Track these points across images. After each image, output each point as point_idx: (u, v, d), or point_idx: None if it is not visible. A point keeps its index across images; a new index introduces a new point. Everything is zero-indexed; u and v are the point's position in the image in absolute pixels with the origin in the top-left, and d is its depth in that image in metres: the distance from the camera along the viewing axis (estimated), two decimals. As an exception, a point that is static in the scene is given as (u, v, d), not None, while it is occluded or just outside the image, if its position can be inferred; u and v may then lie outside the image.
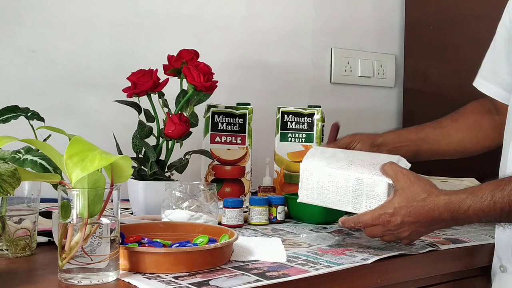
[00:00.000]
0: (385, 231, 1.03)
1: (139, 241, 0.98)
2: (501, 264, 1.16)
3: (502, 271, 1.16)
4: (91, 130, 1.55)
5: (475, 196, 0.97)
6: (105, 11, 1.62)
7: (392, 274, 1.06)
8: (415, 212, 1.00)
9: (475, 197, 0.97)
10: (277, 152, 1.57)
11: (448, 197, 0.99)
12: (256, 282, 0.87)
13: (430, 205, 0.99)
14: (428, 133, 1.31)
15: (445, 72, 2.04)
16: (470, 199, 0.97)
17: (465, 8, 1.96)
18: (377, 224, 1.02)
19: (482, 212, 0.97)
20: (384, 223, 1.02)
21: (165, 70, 1.37)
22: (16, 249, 0.99)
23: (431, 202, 0.99)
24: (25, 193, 1.01)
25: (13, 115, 1.17)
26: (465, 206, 0.97)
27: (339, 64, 2.07)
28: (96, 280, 0.85)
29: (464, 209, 0.98)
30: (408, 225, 1.01)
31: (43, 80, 1.53)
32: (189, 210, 1.15)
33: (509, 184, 0.96)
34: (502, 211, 0.96)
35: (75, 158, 0.82)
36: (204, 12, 1.78)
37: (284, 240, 1.15)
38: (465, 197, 0.98)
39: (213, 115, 1.51)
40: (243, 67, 1.87)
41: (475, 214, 0.98)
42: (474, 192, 0.98)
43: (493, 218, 0.99)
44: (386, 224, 1.02)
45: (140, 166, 1.34)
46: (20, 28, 1.51)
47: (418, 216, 1.00)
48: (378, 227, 1.03)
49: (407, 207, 1.00)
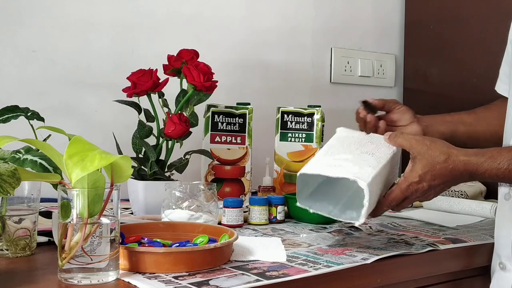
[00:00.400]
0: (414, 199, 1.06)
1: (139, 241, 0.98)
2: (500, 261, 1.17)
3: (501, 268, 1.16)
4: (91, 130, 1.55)
5: (493, 161, 1.03)
6: (105, 11, 1.62)
7: (392, 273, 1.06)
8: (439, 174, 1.03)
9: (493, 163, 1.02)
10: (277, 152, 1.57)
11: (468, 158, 1.03)
12: (256, 282, 0.87)
13: (451, 166, 1.03)
14: (463, 117, 1.32)
15: (445, 72, 2.04)
16: (488, 163, 1.02)
17: (465, 8, 1.96)
18: (407, 196, 1.05)
19: (496, 177, 1.04)
20: (413, 192, 1.05)
21: (165, 70, 1.37)
22: (16, 249, 0.99)
23: (452, 162, 1.03)
24: (25, 193, 1.01)
25: (13, 115, 1.17)
26: (482, 169, 1.03)
27: (339, 64, 2.07)
28: (96, 280, 0.85)
29: (481, 171, 1.03)
30: (434, 188, 1.05)
31: (43, 80, 1.54)
32: (189, 210, 1.15)
33: None
34: None
35: (75, 158, 0.82)
36: (204, 12, 1.78)
37: (284, 240, 1.16)
38: (483, 161, 1.03)
39: (213, 115, 1.51)
40: (243, 67, 1.87)
41: (490, 177, 1.04)
42: (493, 156, 1.03)
43: (506, 182, 1.07)
44: (415, 192, 1.05)
45: (140, 166, 1.34)
46: (20, 28, 1.51)
47: (443, 177, 1.04)
48: (407, 199, 1.06)
49: (431, 171, 1.03)
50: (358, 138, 1.13)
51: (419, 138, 1.06)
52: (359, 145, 1.11)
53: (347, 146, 1.11)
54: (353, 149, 1.09)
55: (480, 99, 1.37)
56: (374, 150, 1.09)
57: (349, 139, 1.13)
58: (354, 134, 1.16)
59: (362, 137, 1.15)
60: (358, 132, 1.18)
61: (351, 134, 1.16)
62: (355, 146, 1.10)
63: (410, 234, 1.24)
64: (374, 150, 1.08)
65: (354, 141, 1.12)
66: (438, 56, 2.07)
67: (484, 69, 1.43)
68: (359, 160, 1.06)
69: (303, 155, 1.55)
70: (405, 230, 1.29)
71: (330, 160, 1.06)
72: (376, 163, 1.05)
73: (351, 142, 1.12)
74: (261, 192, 1.50)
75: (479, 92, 1.36)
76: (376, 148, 1.09)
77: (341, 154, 1.08)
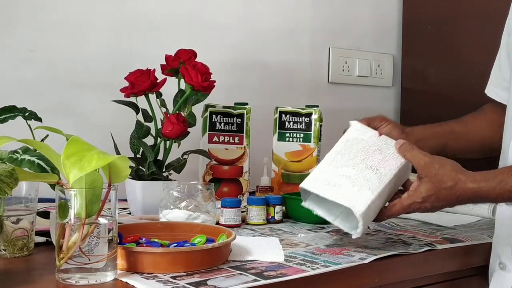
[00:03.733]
0: (419, 211, 1.06)
1: (137, 241, 0.98)
2: (500, 261, 1.16)
3: (501, 268, 1.16)
4: (88, 130, 1.55)
5: (505, 185, 1.01)
6: (103, 11, 1.62)
7: (389, 273, 1.06)
8: (444, 198, 1.02)
9: (505, 186, 1.00)
10: (275, 152, 1.57)
11: (477, 186, 1.01)
12: (253, 282, 0.87)
13: (459, 193, 1.01)
14: (453, 127, 1.31)
15: (443, 71, 2.04)
16: (500, 187, 1.01)
17: (463, 8, 1.97)
18: (408, 211, 1.05)
19: (509, 199, 1.02)
20: (414, 209, 1.04)
21: (163, 70, 1.37)
22: (14, 249, 0.99)
23: (459, 189, 1.01)
24: (23, 193, 1.01)
25: (11, 115, 1.17)
26: (494, 194, 1.01)
27: (337, 64, 2.07)
28: (94, 280, 0.85)
29: (493, 197, 1.02)
30: (438, 208, 1.05)
31: (40, 80, 1.53)
32: (187, 210, 1.15)
33: None
34: None
35: (72, 158, 0.82)
36: (201, 12, 1.78)
37: (282, 239, 1.16)
38: (494, 186, 1.01)
39: (211, 115, 1.51)
40: (241, 66, 1.87)
41: (503, 200, 1.03)
42: (504, 180, 1.01)
43: None
44: (416, 210, 1.04)
45: (138, 166, 1.34)
46: (17, 28, 1.51)
47: (448, 201, 1.03)
48: (408, 213, 1.06)
49: (436, 195, 1.02)
50: (367, 144, 1.09)
51: (428, 160, 1.03)
52: (366, 155, 1.07)
53: (354, 155, 1.07)
54: (358, 161, 1.06)
55: (477, 99, 1.37)
56: (380, 164, 1.06)
57: (358, 145, 1.09)
58: (365, 136, 1.11)
59: (372, 142, 1.10)
60: (370, 133, 1.12)
61: (361, 136, 1.11)
62: (361, 157, 1.07)
63: (407, 234, 1.24)
64: (379, 164, 1.06)
65: (362, 148, 1.08)
66: (436, 56, 2.07)
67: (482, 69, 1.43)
68: (360, 178, 1.04)
69: (301, 155, 1.55)
70: (403, 230, 1.29)
71: (331, 177, 1.05)
72: (377, 184, 1.03)
73: (359, 150, 1.08)
74: (259, 192, 1.50)
75: (477, 92, 1.36)
76: (382, 161, 1.06)
77: (343, 168, 1.06)
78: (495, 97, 1.31)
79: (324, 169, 1.08)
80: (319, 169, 1.10)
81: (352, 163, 1.07)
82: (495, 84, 1.32)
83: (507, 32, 1.26)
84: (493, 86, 1.33)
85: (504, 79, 1.28)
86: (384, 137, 1.11)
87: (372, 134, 1.11)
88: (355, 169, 1.06)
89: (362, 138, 1.11)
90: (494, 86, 1.32)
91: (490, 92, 1.33)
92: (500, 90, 1.30)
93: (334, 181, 1.05)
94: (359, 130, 1.12)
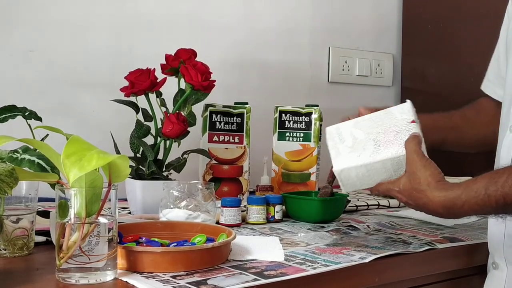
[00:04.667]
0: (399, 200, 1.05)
1: (137, 241, 0.99)
2: (493, 261, 1.17)
3: (494, 267, 1.16)
4: (88, 129, 1.55)
5: (469, 191, 0.97)
6: (102, 10, 1.62)
7: (389, 273, 1.06)
8: (414, 200, 1.01)
9: (470, 192, 0.97)
10: (275, 151, 1.57)
11: (444, 194, 0.99)
12: (254, 281, 0.87)
13: (425, 199, 1.00)
14: (457, 122, 1.30)
15: (443, 71, 2.04)
16: (465, 194, 0.97)
17: (462, 7, 1.97)
18: (391, 195, 1.05)
19: (477, 206, 0.97)
20: (395, 196, 1.04)
21: (162, 69, 1.37)
22: (14, 248, 0.99)
23: (425, 197, 0.99)
24: (23, 192, 1.01)
25: (11, 114, 1.17)
26: (460, 202, 0.98)
27: (336, 63, 2.07)
28: (94, 279, 0.85)
29: (459, 205, 0.98)
30: (411, 206, 1.04)
31: (40, 80, 1.53)
32: (187, 209, 1.15)
33: (502, 176, 0.96)
34: (497, 204, 0.96)
35: (72, 157, 0.82)
36: (201, 12, 1.78)
37: (282, 239, 1.16)
38: (459, 193, 0.98)
39: (211, 114, 1.51)
40: (241, 66, 1.87)
41: (471, 208, 0.98)
42: (468, 186, 0.98)
43: (489, 211, 0.99)
44: (397, 197, 1.04)
45: (138, 165, 1.34)
46: (17, 27, 1.51)
47: (417, 204, 1.02)
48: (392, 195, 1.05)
49: (409, 192, 1.02)
50: (393, 122, 1.08)
51: (416, 158, 1.01)
52: (384, 130, 1.07)
53: (376, 125, 1.08)
54: (374, 131, 1.08)
55: (477, 99, 1.37)
56: (385, 143, 1.05)
57: (388, 119, 1.09)
58: (400, 116, 1.09)
59: (399, 123, 1.08)
60: (407, 115, 1.09)
61: (398, 114, 1.09)
62: (378, 130, 1.07)
63: (407, 233, 1.24)
64: (385, 144, 1.05)
65: (387, 123, 1.08)
66: (436, 55, 2.07)
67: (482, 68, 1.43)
68: (360, 144, 1.06)
69: (301, 154, 1.55)
70: (403, 229, 1.29)
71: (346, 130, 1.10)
72: (368, 156, 1.05)
73: (383, 124, 1.08)
74: (259, 191, 1.50)
75: (476, 91, 1.36)
76: (389, 142, 1.05)
77: (357, 130, 1.09)
78: (492, 94, 1.31)
79: (348, 123, 1.12)
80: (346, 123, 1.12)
81: (368, 130, 1.08)
82: (492, 81, 1.31)
83: (508, 17, 1.24)
84: (490, 83, 1.32)
85: (502, 76, 1.28)
86: (413, 125, 1.07)
87: (406, 117, 1.09)
88: (364, 135, 1.07)
89: (396, 116, 1.09)
90: (491, 83, 1.31)
91: (486, 89, 1.33)
92: (497, 88, 1.29)
93: (344, 135, 1.08)
94: (403, 109, 1.10)
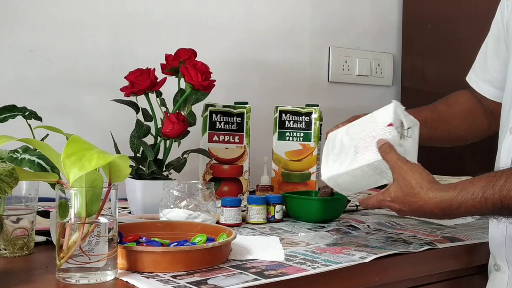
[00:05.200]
0: (393, 210, 1.05)
1: (137, 240, 0.98)
2: (495, 263, 1.16)
3: (496, 269, 1.16)
4: (89, 129, 1.55)
5: (466, 193, 0.97)
6: (102, 10, 1.62)
7: (390, 272, 1.06)
8: (408, 205, 1.01)
9: (466, 194, 0.97)
10: (275, 151, 1.57)
11: (440, 195, 0.98)
12: (254, 281, 0.87)
13: (421, 202, 0.99)
14: (426, 116, 1.29)
15: (443, 70, 2.04)
16: (462, 196, 0.97)
17: (462, 7, 1.97)
18: (382, 206, 1.05)
19: (474, 208, 0.97)
20: (387, 206, 1.04)
21: (162, 69, 1.37)
22: (14, 248, 0.99)
23: (421, 199, 0.99)
24: (23, 192, 1.01)
25: (11, 114, 1.17)
26: (456, 203, 0.97)
27: (337, 63, 2.07)
28: (94, 279, 0.85)
29: (456, 206, 0.97)
30: (405, 213, 1.03)
31: (40, 80, 1.53)
32: (187, 209, 1.15)
33: (500, 179, 0.95)
34: (494, 207, 0.95)
35: (72, 157, 0.82)
36: (201, 11, 1.78)
37: (282, 239, 1.16)
38: (456, 195, 0.97)
39: (211, 114, 1.51)
40: (241, 66, 1.86)
41: (467, 210, 0.97)
42: (465, 188, 0.97)
43: (485, 213, 0.99)
44: (390, 207, 1.04)
45: (138, 165, 1.34)
46: (17, 27, 1.51)
47: (412, 209, 1.01)
48: (385, 208, 1.06)
49: (402, 199, 1.01)
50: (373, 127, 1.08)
51: (400, 164, 1.01)
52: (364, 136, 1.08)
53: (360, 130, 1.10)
54: (357, 137, 1.09)
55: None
56: (363, 150, 1.06)
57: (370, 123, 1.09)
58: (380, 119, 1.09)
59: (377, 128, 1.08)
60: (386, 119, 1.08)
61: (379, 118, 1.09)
62: (360, 136, 1.08)
63: (408, 233, 1.24)
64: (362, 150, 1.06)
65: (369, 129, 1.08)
66: (436, 55, 2.07)
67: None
68: (343, 151, 1.09)
69: (301, 154, 1.55)
70: (403, 229, 1.29)
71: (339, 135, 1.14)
72: (347, 164, 1.07)
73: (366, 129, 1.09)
74: (259, 191, 1.50)
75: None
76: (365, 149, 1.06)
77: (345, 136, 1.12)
78: (476, 87, 1.31)
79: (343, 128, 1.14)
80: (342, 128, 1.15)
81: (353, 136, 1.10)
82: (478, 75, 1.31)
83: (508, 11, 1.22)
84: (475, 76, 1.32)
85: (488, 71, 1.28)
86: (389, 129, 1.06)
87: (384, 121, 1.08)
88: (349, 142, 1.09)
89: (377, 120, 1.09)
90: (477, 76, 1.31)
91: (472, 82, 1.33)
92: (482, 82, 1.30)
93: (336, 142, 1.12)
94: (385, 112, 1.10)
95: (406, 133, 1.07)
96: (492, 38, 1.27)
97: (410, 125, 1.08)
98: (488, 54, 1.28)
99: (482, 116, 1.32)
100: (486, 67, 1.28)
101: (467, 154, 1.65)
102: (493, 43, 1.27)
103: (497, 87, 1.26)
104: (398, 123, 1.07)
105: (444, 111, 1.33)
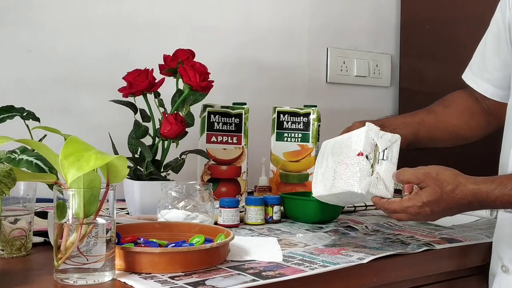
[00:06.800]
0: (413, 218, 1.05)
1: (135, 241, 0.98)
2: (503, 264, 1.16)
3: (504, 271, 1.16)
4: (86, 130, 1.55)
5: (503, 188, 1.00)
6: (101, 10, 1.62)
7: (388, 273, 1.06)
8: (445, 202, 1.02)
9: (504, 189, 1.00)
10: (273, 152, 1.57)
11: (477, 187, 1.01)
12: (252, 282, 0.87)
13: (459, 195, 1.01)
14: (422, 117, 1.30)
15: (441, 71, 2.04)
16: (499, 190, 1.00)
17: (460, 8, 1.97)
18: (405, 213, 1.04)
19: (509, 204, 1.01)
20: (413, 213, 1.03)
21: (161, 70, 1.37)
22: (12, 249, 0.99)
23: (460, 192, 1.01)
24: (21, 193, 1.01)
25: (9, 115, 1.16)
26: (493, 196, 1.00)
27: (335, 64, 2.07)
28: (92, 280, 0.85)
29: (492, 199, 1.00)
30: (437, 214, 1.04)
31: (38, 80, 1.53)
32: (185, 210, 1.15)
33: None
34: None
35: (70, 158, 0.82)
36: (200, 12, 1.78)
37: (280, 239, 1.16)
38: (493, 188, 1.00)
39: (209, 115, 1.51)
40: (239, 66, 1.86)
41: (502, 204, 1.02)
42: (503, 183, 1.01)
43: None
44: (415, 214, 1.03)
45: (136, 166, 1.33)
46: (15, 28, 1.50)
47: (448, 205, 1.02)
48: (406, 215, 1.05)
49: (438, 199, 1.01)
50: (347, 153, 1.09)
51: (424, 172, 1.02)
52: (339, 161, 1.10)
53: (338, 153, 1.13)
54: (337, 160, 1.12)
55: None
56: (336, 177, 1.10)
57: (345, 147, 1.11)
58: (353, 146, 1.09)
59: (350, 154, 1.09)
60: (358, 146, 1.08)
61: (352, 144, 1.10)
62: (338, 160, 1.11)
63: (406, 234, 1.24)
64: (337, 177, 1.10)
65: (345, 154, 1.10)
66: (434, 56, 2.07)
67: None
68: (326, 173, 1.15)
69: (299, 155, 1.55)
70: (401, 230, 1.29)
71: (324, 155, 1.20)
72: (328, 188, 1.12)
73: (342, 153, 1.11)
74: (257, 192, 1.50)
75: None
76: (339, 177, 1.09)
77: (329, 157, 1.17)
78: (474, 86, 1.31)
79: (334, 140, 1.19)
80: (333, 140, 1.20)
81: (334, 157, 1.14)
82: (476, 73, 1.31)
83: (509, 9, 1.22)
84: (472, 74, 1.32)
85: (487, 69, 1.27)
86: (358, 159, 1.06)
87: (355, 148, 1.08)
88: (331, 164, 1.14)
89: (351, 145, 1.09)
90: (474, 74, 1.31)
91: (469, 80, 1.33)
92: (480, 80, 1.29)
93: (324, 156, 1.19)
94: (357, 137, 1.09)
95: (381, 156, 1.07)
96: (492, 37, 1.27)
97: (386, 145, 1.08)
98: (487, 52, 1.28)
99: (480, 113, 1.32)
100: (485, 66, 1.28)
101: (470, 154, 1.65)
102: (492, 42, 1.26)
103: (497, 86, 1.26)
104: (370, 149, 1.07)
105: (441, 110, 1.33)
